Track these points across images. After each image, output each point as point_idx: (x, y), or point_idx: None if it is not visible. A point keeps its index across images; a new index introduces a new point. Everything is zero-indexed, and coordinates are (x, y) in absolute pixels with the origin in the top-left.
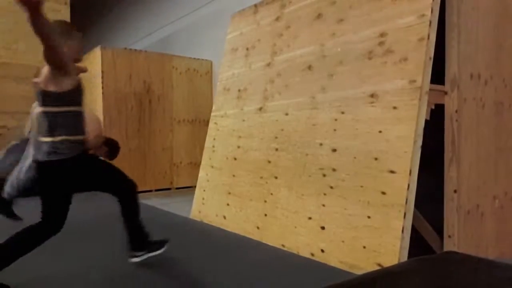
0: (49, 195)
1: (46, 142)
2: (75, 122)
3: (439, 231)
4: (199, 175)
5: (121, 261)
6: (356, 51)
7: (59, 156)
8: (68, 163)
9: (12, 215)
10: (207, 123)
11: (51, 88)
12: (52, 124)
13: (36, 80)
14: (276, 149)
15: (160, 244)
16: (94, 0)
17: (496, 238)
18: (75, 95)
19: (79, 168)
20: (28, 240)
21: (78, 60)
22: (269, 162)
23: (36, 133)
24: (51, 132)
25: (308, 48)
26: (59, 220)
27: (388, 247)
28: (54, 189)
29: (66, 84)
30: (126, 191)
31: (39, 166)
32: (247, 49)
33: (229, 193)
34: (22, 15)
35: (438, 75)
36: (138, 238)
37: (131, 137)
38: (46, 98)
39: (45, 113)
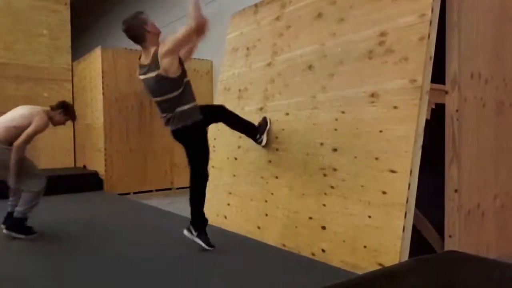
0: (188, 147)
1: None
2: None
3: (440, 230)
4: None
5: (121, 259)
6: (356, 50)
7: (180, 125)
8: (186, 129)
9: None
10: None
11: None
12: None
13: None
14: (277, 149)
15: (209, 243)
16: (94, 0)
17: (496, 237)
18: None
19: (187, 134)
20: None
21: (160, 33)
22: (270, 162)
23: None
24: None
25: (308, 47)
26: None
27: (389, 246)
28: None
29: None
30: (192, 172)
31: (173, 134)
32: (248, 49)
33: (230, 193)
34: (22, 16)
35: (438, 74)
36: (197, 220)
37: (131, 137)
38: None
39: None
